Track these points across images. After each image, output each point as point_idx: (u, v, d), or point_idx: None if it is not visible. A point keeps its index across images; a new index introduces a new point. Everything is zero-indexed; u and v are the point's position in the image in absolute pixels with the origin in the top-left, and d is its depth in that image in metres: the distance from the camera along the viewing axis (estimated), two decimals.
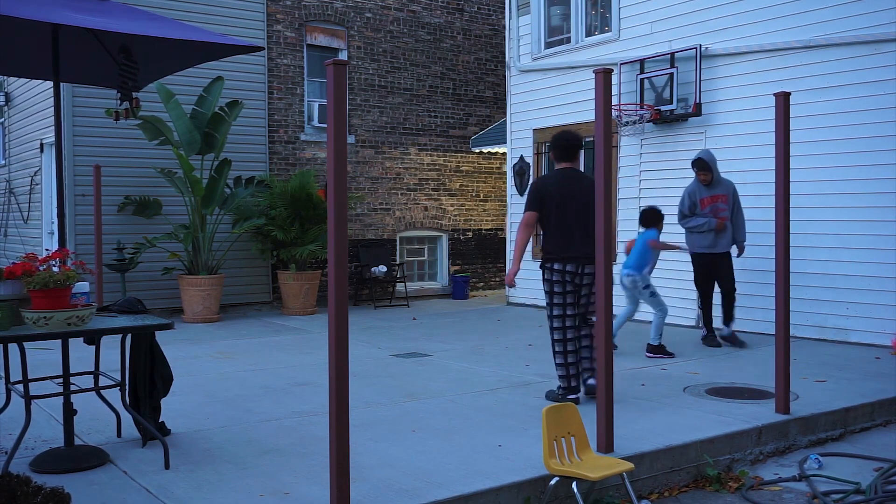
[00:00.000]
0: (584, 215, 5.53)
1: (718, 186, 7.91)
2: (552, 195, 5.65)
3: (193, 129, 10.37)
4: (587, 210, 5.43)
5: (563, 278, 5.58)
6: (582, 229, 5.55)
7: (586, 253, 5.45)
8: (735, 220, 7.93)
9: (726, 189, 7.93)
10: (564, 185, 5.68)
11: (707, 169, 7.82)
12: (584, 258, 5.53)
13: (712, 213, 7.85)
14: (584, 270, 5.57)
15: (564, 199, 5.63)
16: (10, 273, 3.99)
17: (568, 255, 5.56)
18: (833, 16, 8.28)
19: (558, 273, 5.58)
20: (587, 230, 5.38)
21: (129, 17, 4.81)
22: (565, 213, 5.62)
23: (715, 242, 7.87)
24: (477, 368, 7.06)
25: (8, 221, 13.23)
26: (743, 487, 4.60)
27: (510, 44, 12.22)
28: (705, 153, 7.95)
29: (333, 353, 3.43)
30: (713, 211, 7.85)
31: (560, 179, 5.74)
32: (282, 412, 5.47)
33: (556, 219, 5.63)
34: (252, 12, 11.65)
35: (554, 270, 5.60)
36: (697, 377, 6.57)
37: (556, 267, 5.59)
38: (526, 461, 4.29)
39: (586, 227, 5.43)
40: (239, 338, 9.12)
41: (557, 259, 5.59)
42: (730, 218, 7.87)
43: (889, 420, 5.83)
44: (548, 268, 5.65)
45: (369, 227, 12.92)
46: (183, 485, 3.97)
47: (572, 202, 5.63)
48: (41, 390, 4.57)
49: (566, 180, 5.71)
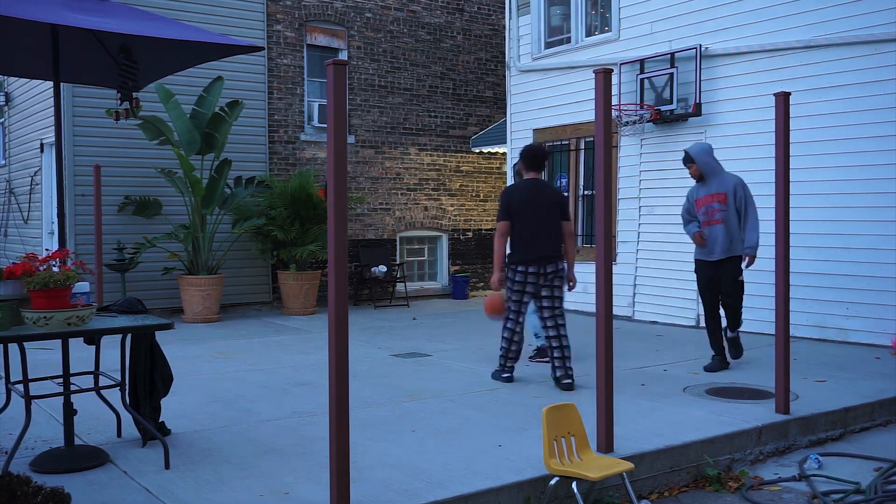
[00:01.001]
0: (546, 220, 6.15)
1: (713, 183, 6.87)
2: (517, 203, 6.21)
3: (193, 129, 10.37)
4: (549, 215, 6.16)
5: (525, 279, 6.16)
6: (545, 233, 6.14)
7: (548, 254, 6.12)
8: (741, 222, 6.82)
9: (724, 186, 6.82)
10: (528, 194, 6.23)
11: (690, 161, 6.92)
12: (545, 259, 6.12)
13: (707, 215, 6.87)
14: (545, 270, 6.14)
15: (528, 206, 6.18)
16: (10, 273, 3.99)
17: (530, 258, 6.12)
18: (833, 16, 8.28)
19: (521, 274, 6.16)
20: (549, 233, 6.13)
21: (128, 17, 4.81)
22: (529, 219, 6.16)
23: (711, 249, 6.89)
24: (477, 368, 7.06)
25: (8, 221, 13.23)
26: (743, 487, 4.60)
27: (510, 44, 12.22)
28: (694, 145, 7.07)
29: (333, 353, 3.43)
30: (707, 212, 6.86)
31: (525, 188, 6.29)
32: (282, 412, 5.47)
33: (521, 224, 6.18)
34: (252, 12, 11.65)
35: (517, 272, 6.18)
36: (697, 377, 6.57)
37: (520, 269, 6.16)
38: (526, 461, 4.29)
39: (549, 230, 6.14)
40: (239, 338, 9.12)
41: (521, 262, 6.16)
42: (725, 220, 6.79)
43: (889, 420, 5.83)
44: (512, 269, 6.23)
45: (369, 227, 12.92)
46: (183, 485, 3.97)
47: (536, 209, 6.16)
48: (41, 390, 4.56)
49: (530, 189, 6.26)
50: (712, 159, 6.98)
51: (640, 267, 10.23)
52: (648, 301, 10.10)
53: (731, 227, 6.83)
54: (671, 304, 9.80)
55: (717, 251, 6.87)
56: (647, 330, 9.38)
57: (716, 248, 6.87)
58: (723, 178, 6.91)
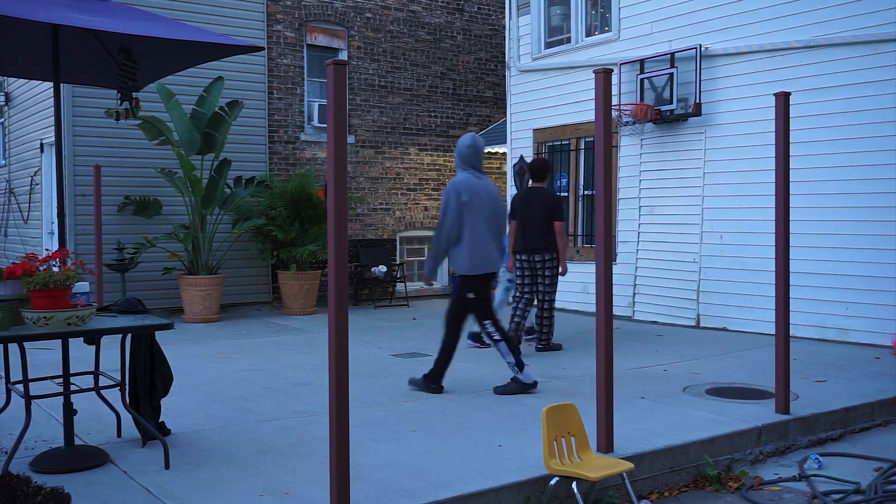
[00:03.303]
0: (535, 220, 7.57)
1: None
2: (518, 206, 7.78)
3: (193, 129, 10.37)
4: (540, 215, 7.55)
5: (522, 265, 7.72)
6: (536, 229, 7.56)
7: (537, 246, 7.57)
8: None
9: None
10: (525, 199, 7.74)
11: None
12: (535, 249, 7.58)
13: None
14: (534, 259, 7.63)
15: (525, 208, 7.66)
16: (10, 273, 3.99)
17: (524, 247, 7.65)
18: (833, 16, 8.28)
19: (518, 261, 7.75)
20: (540, 230, 7.55)
21: (129, 18, 4.82)
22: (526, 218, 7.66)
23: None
24: (477, 368, 7.06)
25: (8, 221, 13.23)
26: (743, 487, 4.60)
27: (510, 44, 12.22)
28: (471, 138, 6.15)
29: (333, 353, 3.43)
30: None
31: (524, 194, 7.85)
32: (282, 412, 5.47)
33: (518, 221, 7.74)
34: (252, 12, 11.65)
35: (516, 259, 7.78)
36: (698, 377, 6.57)
37: (518, 257, 7.75)
38: (526, 461, 4.29)
39: (539, 227, 7.55)
40: (239, 338, 9.12)
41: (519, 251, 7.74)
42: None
43: (889, 420, 5.83)
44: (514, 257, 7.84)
45: (369, 227, 12.92)
46: (183, 485, 3.97)
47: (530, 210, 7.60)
48: (41, 390, 4.57)
49: (527, 196, 7.77)
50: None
51: (640, 267, 10.23)
52: (648, 301, 10.10)
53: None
54: (671, 304, 9.80)
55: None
56: (647, 330, 9.38)
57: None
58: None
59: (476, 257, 5.92)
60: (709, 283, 9.39)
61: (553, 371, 6.89)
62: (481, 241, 5.92)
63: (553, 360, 7.45)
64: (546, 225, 7.56)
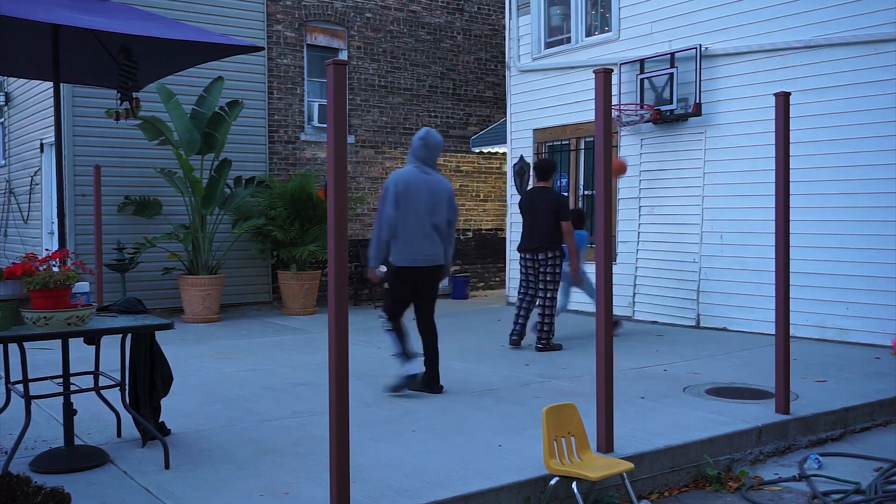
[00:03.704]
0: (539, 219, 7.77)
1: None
2: (523, 205, 8.01)
3: (193, 129, 10.37)
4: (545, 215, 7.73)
5: (525, 264, 7.94)
6: (539, 229, 7.75)
7: (539, 245, 7.74)
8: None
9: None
10: (530, 198, 7.95)
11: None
12: (537, 248, 7.76)
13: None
14: (537, 257, 7.80)
15: (530, 207, 7.90)
16: (10, 273, 3.99)
17: (527, 247, 7.85)
18: (833, 16, 8.28)
19: (521, 260, 7.98)
20: (543, 229, 7.72)
21: (129, 18, 4.81)
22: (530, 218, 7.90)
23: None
24: (477, 368, 7.06)
25: (8, 221, 13.23)
26: (743, 487, 4.60)
27: (510, 44, 12.22)
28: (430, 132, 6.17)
29: (333, 353, 3.43)
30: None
31: (529, 194, 8.05)
32: (282, 412, 5.47)
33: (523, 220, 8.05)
34: (252, 12, 11.65)
35: (519, 258, 8.06)
36: (698, 377, 6.57)
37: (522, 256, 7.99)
38: (526, 461, 4.29)
39: (543, 227, 7.73)
40: (239, 338, 9.12)
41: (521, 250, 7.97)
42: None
43: (889, 420, 5.83)
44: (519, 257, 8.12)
45: (369, 227, 12.91)
46: (183, 485, 3.97)
47: (535, 209, 7.82)
48: (41, 390, 4.57)
49: (532, 195, 7.97)
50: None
51: (640, 267, 10.23)
52: (648, 301, 10.10)
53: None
54: (671, 303, 9.80)
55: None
56: (647, 330, 9.38)
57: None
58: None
59: (399, 249, 5.96)
60: (709, 283, 9.39)
61: (553, 371, 6.89)
62: (409, 234, 5.93)
63: (553, 360, 7.45)
64: (550, 224, 7.72)
